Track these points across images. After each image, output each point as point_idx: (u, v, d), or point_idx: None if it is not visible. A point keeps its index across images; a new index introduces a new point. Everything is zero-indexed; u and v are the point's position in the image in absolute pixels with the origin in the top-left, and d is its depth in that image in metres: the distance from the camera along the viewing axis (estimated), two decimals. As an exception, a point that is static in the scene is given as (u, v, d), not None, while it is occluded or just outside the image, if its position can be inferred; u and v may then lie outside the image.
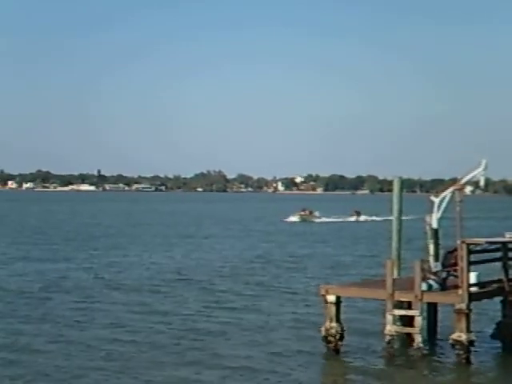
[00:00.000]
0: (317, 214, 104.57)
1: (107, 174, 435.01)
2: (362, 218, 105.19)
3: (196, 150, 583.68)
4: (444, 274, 20.45)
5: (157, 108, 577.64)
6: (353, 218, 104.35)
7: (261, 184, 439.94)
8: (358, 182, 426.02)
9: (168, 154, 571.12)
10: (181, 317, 26.03)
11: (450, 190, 21.22)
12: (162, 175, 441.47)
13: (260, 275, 38.50)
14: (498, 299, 21.23)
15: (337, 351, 20.39)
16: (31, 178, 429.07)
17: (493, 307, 22.99)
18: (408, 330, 20.24)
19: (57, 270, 39.80)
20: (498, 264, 20.97)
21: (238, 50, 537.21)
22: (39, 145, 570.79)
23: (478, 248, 20.63)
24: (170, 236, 67.90)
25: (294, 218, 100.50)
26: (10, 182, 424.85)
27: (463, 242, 19.50)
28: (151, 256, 48.16)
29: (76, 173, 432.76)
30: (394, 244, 22.76)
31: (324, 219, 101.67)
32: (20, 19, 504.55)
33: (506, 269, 20.76)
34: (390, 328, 20.00)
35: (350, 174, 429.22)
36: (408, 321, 20.29)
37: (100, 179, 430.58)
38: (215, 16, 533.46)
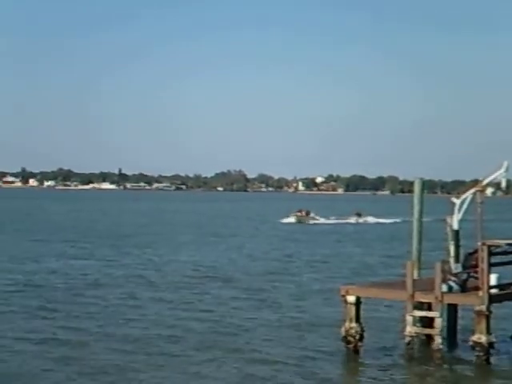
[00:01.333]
0: (314, 214, 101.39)
1: (128, 173, 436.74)
2: (363, 219, 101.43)
3: (196, 150, 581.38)
4: (464, 276, 20.43)
5: (157, 108, 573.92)
6: (353, 220, 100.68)
7: (281, 184, 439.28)
8: (379, 183, 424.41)
9: (167, 153, 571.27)
10: (209, 313, 26.65)
11: (472, 191, 21.22)
12: (182, 174, 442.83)
13: (284, 274, 39.01)
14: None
15: (356, 351, 20.44)
16: (52, 176, 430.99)
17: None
18: (428, 331, 20.26)
19: (93, 267, 40.43)
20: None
21: (237, 50, 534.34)
22: (43, 143, 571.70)
23: (499, 250, 20.61)
24: (198, 235, 68.60)
25: (289, 219, 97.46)
26: (31, 180, 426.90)
27: (484, 243, 19.50)
28: (182, 254, 48.88)
29: (97, 171, 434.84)
30: (415, 245, 22.75)
31: (322, 220, 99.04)
32: (20, 19, 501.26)
33: (526, 271, 20.73)
34: (410, 329, 20.03)
35: (371, 175, 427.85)
36: (428, 322, 20.29)
37: (121, 178, 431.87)
38: (215, 16, 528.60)
